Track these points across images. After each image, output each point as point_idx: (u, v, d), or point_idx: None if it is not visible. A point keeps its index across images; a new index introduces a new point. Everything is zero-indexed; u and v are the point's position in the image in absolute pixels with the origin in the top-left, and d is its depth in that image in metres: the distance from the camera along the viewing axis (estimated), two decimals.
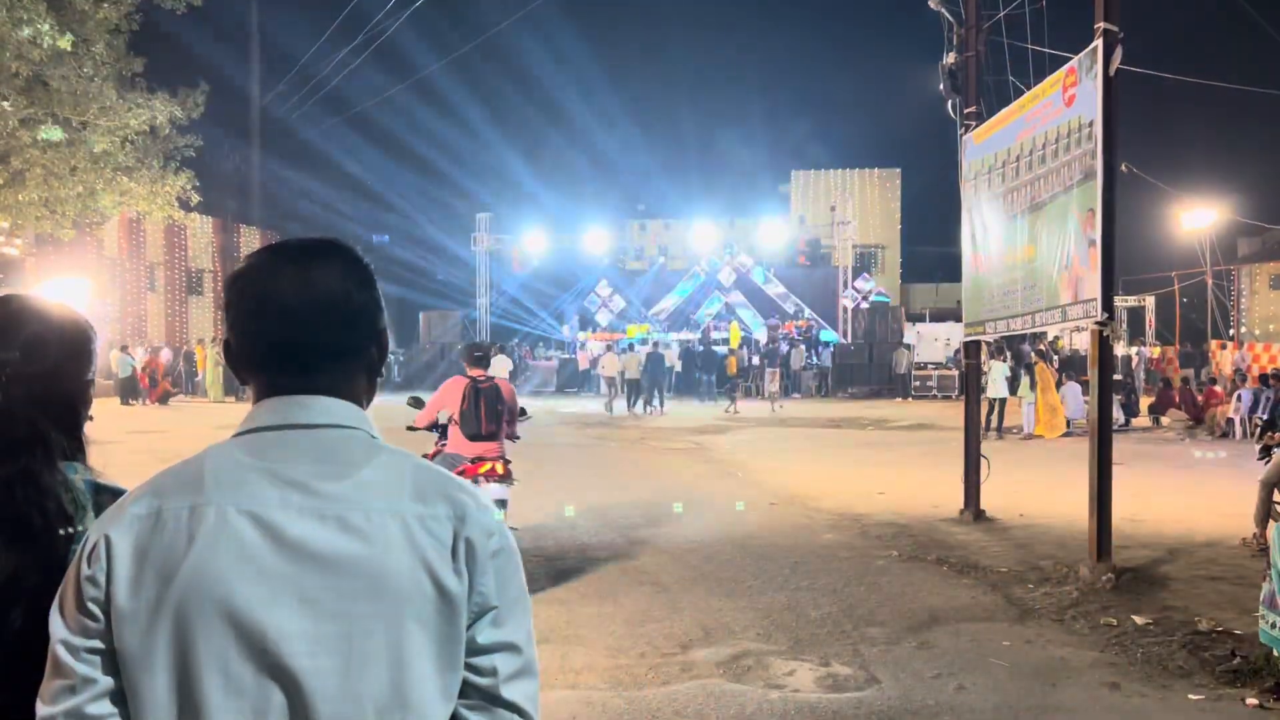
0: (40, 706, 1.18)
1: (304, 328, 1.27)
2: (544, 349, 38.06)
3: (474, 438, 6.30)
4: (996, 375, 17.63)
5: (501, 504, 6.33)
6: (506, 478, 6.42)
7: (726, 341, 32.70)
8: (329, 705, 1.15)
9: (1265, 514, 7.80)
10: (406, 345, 35.89)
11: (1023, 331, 8.46)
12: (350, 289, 1.30)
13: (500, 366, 20.75)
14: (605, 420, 21.05)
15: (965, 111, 9.49)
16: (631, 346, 26.41)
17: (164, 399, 25.37)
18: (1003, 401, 17.59)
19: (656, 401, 23.69)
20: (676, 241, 38.70)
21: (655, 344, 26.33)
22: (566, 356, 34.49)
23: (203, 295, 34.54)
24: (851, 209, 35.70)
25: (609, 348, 27.85)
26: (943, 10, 9.41)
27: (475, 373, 6.50)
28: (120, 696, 1.17)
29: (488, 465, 6.26)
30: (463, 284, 40.51)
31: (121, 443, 14.77)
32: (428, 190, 42.29)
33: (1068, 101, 7.28)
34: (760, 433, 18.23)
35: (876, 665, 5.10)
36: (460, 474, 6.29)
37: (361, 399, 1.33)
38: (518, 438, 6.72)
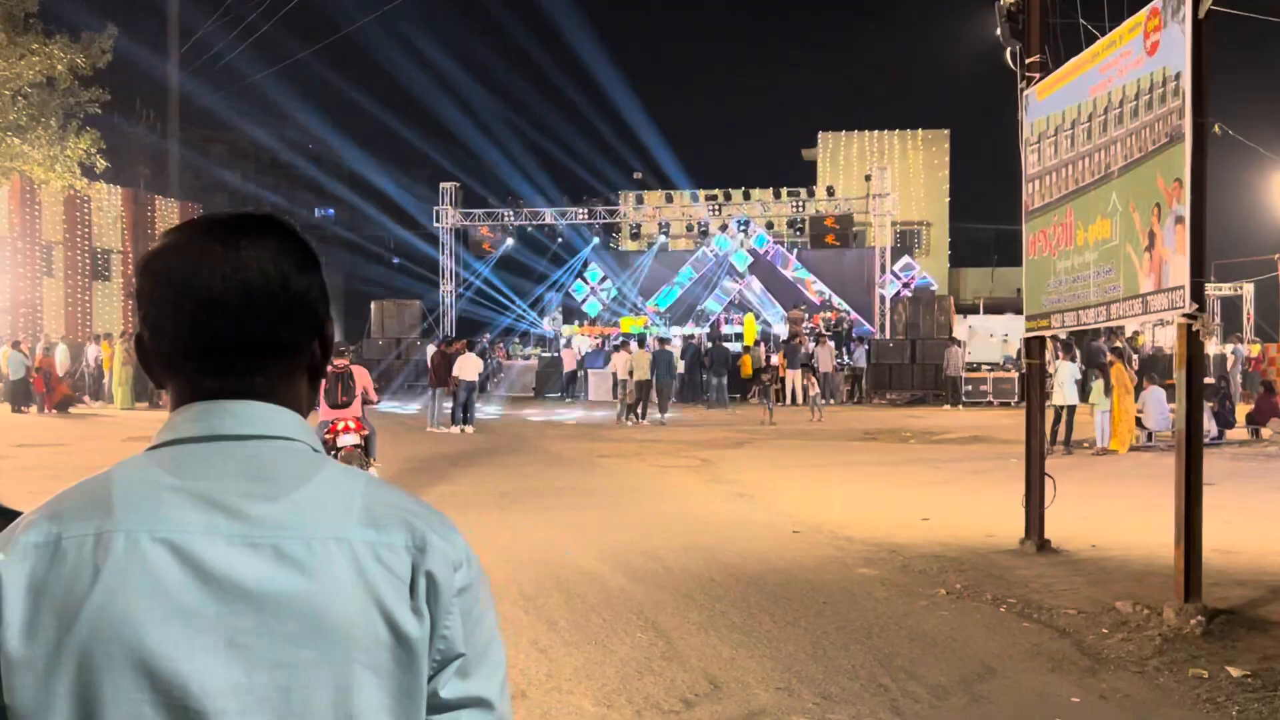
0: None
1: (232, 320, 1.26)
2: (521, 346, 38.11)
3: (334, 407, 10.87)
4: (1064, 378, 17.68)
5: (358, 447, 10.88)
6: (359, 432, 11.01)
7: (740, 337, 32.75)
8: None
9: None
10: (355, 341, 35.86)
11: (1095, 325, 8.48)
12: (288, 273, 1.29)
13: (469, 368, 20.73)
14: (594, 433, 21.07)
15: (1027, 61, 9.51)
16: (641, 342, 26.39)
17: (63, 405, 25.33)
18: (1071, 409, 17.64)
19: (656, 410, 23.74)
20: (680, 217, 38.76)
21: (662, 341, 26.30)
22: (549, 355, 34.53)
23: (110, 280, 34.49)
24: (890, 179, 35.79)
25: (621, 344, 27.92)
26: None
27: (339, 363, 11.14)
28: None
29: (342, 424, 10.79)
30: (423, 268, 40.59)
31: (10, 458, 14.75)
32: (382, 156, 42.35)
33: (1150, 50, 7.30)
34: (780, 447, 18.25)
35: None
36: (326, 434, 10.72)
37: (302, 405, 1.33)
38: (374, 402, 11.53)
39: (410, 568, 1.24)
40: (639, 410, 23.48)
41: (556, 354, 33.56)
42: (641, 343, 25.61)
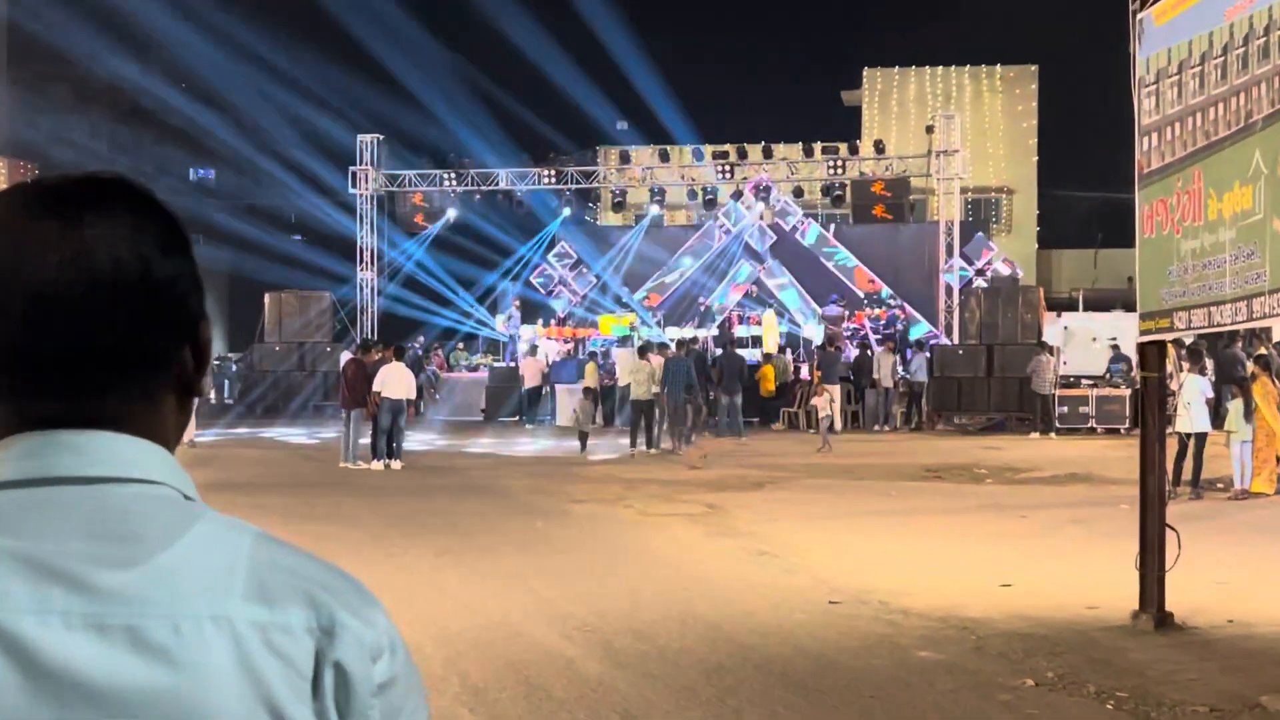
0: None
1: (73, 322, 1.25)
2: (467, 353, 38.14)
3: None
4: (1192, 396, 17.71)
5: None
6: None
7: (758, 342, 32.84)
8: None
9: None
10: (244, 348, 35.87)
11: (1233, 327, 8.52)
12: (148, 257, 1.28)
13: (396, 383, 20.69)
14: (565, 469, 21.09)
15: None
16: (647, 349, 26.54)
17: None
18: (1201, 438, 17.68)
19: (649, 437, 23.80)
20: (679, 181, 38.87)
21: (683, 346, 26.31)
22: (503, 365, 34.56)
23: None
24: (960, 131, 35.99)
25: (617, 344, 27.93)
26: None
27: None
28: None
29: None
30: (335, 248, 40.57)
31: None
32: (281, 99, 42.24)
33: None
34: (812, 488, 18.26)
35: None
36: None
37: (168, 435, 1.32)
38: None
39: (313, 657, 1.23)
40: (649, 438, 23.54)
41: (514, 363, 33.58)
42: (644, 351, 25.65)
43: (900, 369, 30.52)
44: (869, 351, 31.32)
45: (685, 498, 16.99)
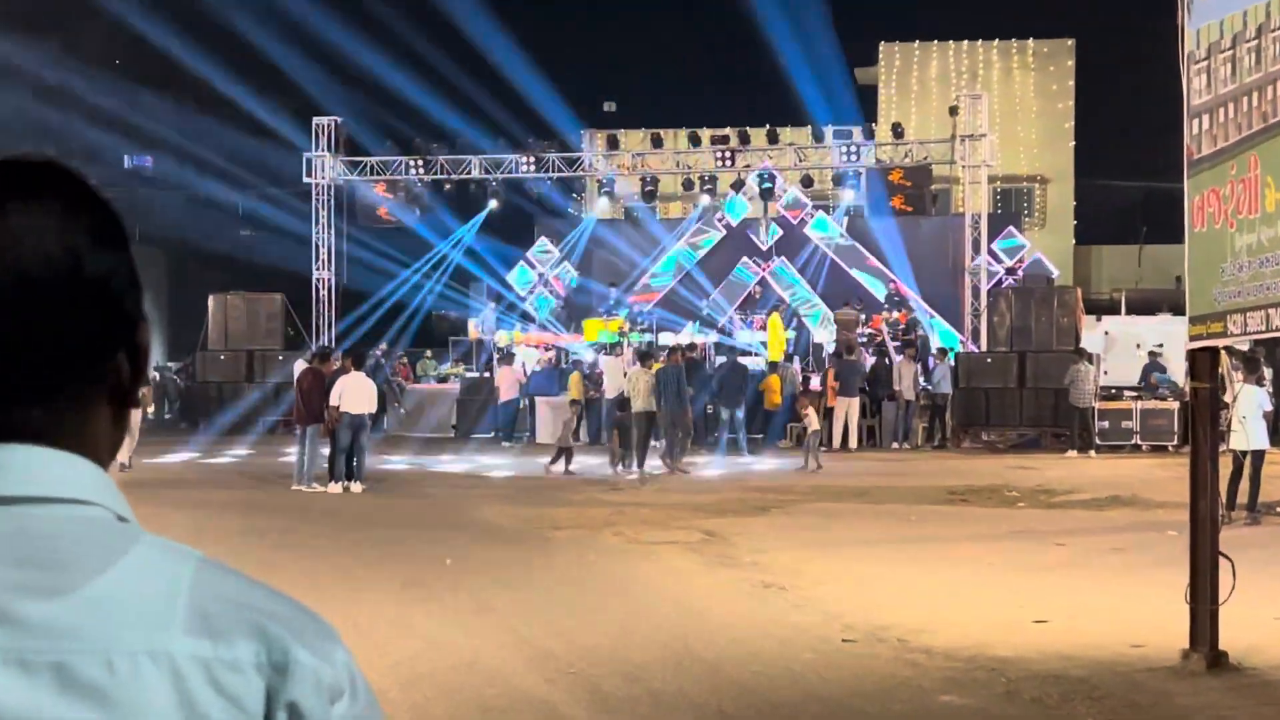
0: None
1: None
2: (435, 362, 38.08)
3: None
4: (1248, 409, 17.69)
5: None
6: None
7: (763, 348, 32.82)
8: None
9: None
10: (186, 354, 35.77)
11: None
12: (79, 250, 1.28)
13: (356, 395, 20.58)
14: (545, 492, 21.05)
15: None
16: (644, 357, 26.53)
17: None
18: (1259, 456, 17.68)
19: (640, 455, 23.82)
20: (674, 169, 38.88)
21: (676, 353, 26.26)
22: (476, 375, 34.51)
23: None
24: (988, 112, 36.01)
25: (606, 350, 27.85)
26: None
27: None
28: None
29: None
30: (288, 244, 40.46)
31: None
32: (229, 77, 42.18)
33: None
34: (823, 513, 18.25)
35: None
36: None
37: (101, 450, 1.32)
38: None
39: (264, 697, 1.23)
40: (640, 456, 23.54)
41: (488, 374, 33.51)
42: (646, 358, 25.63)
43: (922, 379, 30.52)
44: (887, 360, 31.30)
45: (680, 523, 16.96)
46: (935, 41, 45.99)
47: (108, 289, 1.30)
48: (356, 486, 20.55)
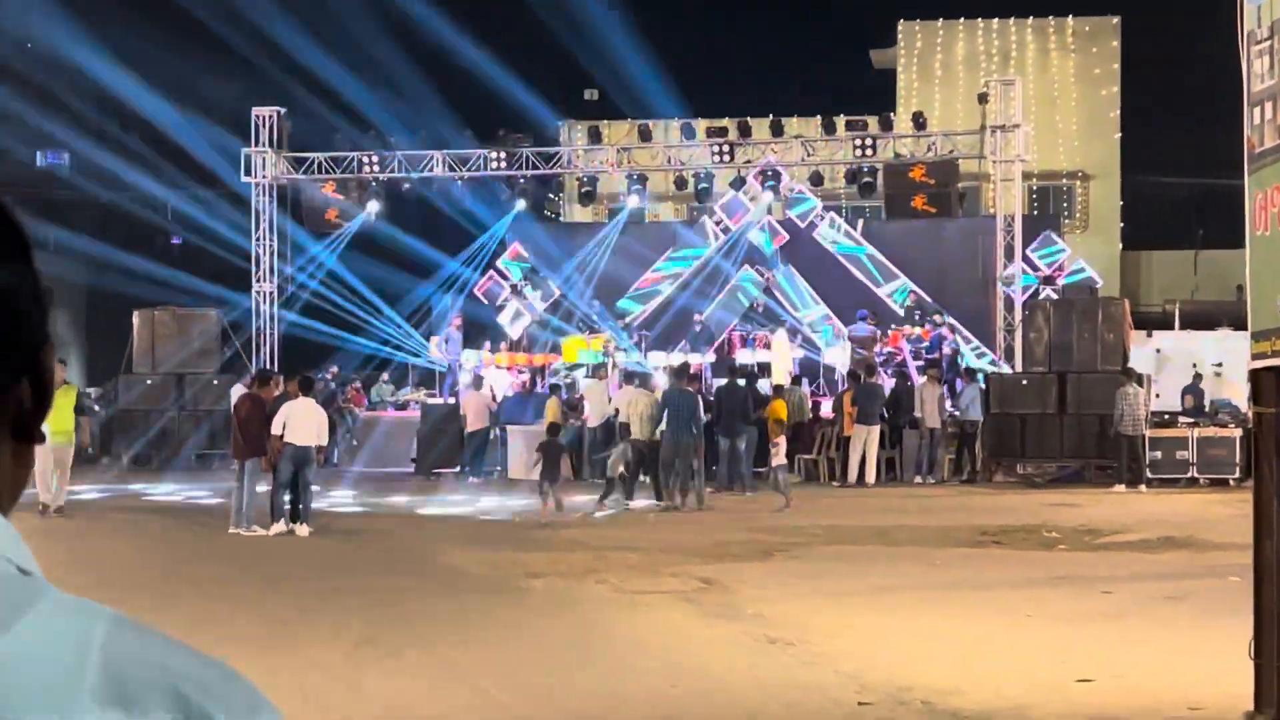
0: None
1: None
2: (393, 387, 37.99)
3: None
4: None
5: None
6: None
7: (767, 370, 32.79)
8: None
9: None
10: (107, 378, 35.64)
11: None
12: None
13: (302, 424, 20.50)
14: (520, 535, 21.03)
15: None
16: (637, 380, 26.44)
17: None
18: None
19: (628, 488, 23.86)
20: (665, 165, 38.89)
21: (684, 376, 26.36)
22: (440, 402, 34.45)
23: None
24: (1022, 100, 36.08)
25: (626, 376, 27.91)
26: None
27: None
28: None
29: None
30: (225, 253, 40.36)
31: None
32: (155, 65, 42.15)
33: None
34: (835, 557, 18.22)
35: None
36: None
37: (0, 490, 1.34)
38: None
39: None
40: (628, 488, 23.59)
41: (453, 400, 33.46)
42: (647, 379, 25.57)
43: (948, 404, 30.52)
44: (908, 382, 31.29)
45: (673, 569, 16.90)
46: (962, 19, 46.07)
47: (8, 308, 1.30)
48: (302, 529, 20.49)
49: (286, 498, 20.61)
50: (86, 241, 43.45)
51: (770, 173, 36.71)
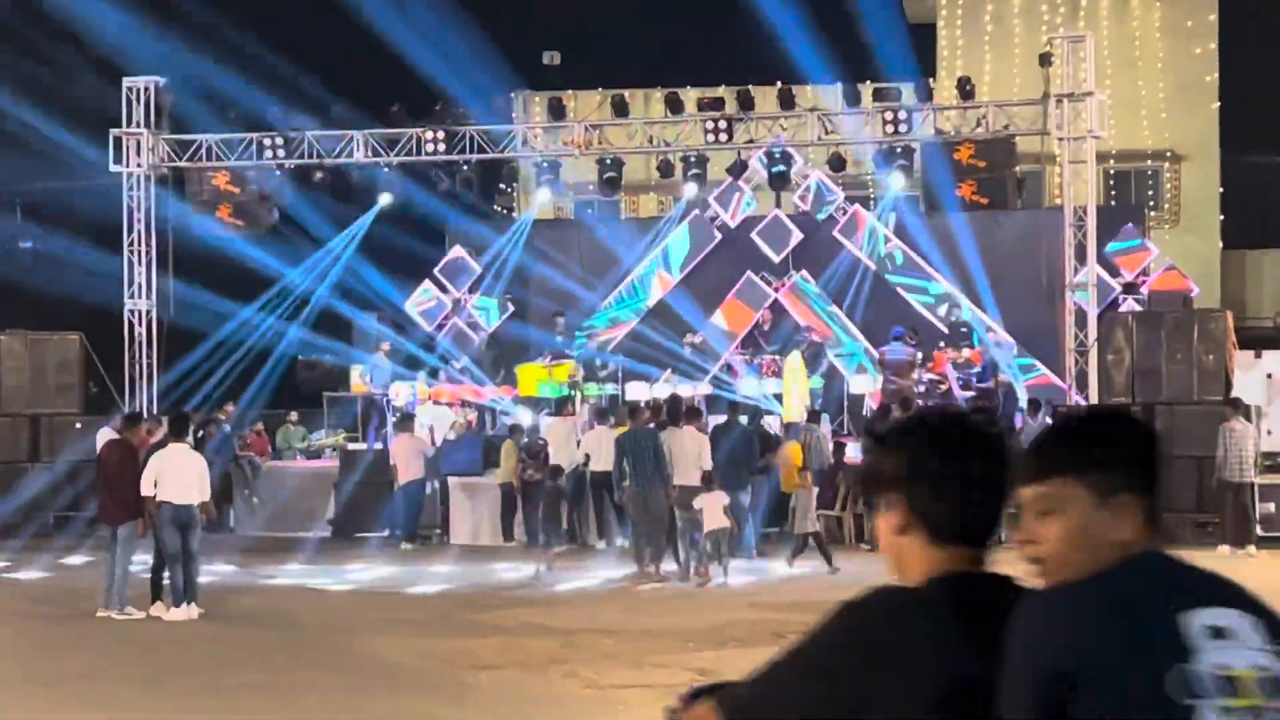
0: None
1: None
2: (303, 431, 37.91)
3: None
4: None
5: None
6: None
7: (777, 403, 32.80)
8: None
9: None
10: None
11: None
12: None
13: (177, 474, 20.37)
14: (464, 614, 21.07)
15: None
16: (605, 415, 26.40)
17: None
18: None
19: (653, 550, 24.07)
20: (644, 146, 38.89)
21: (645, 411, 26.43)
22: (363, 447, 34.43)
23: None
24: (1093, 63, 36.14)
25: (599, 413, 28.09)
26: None
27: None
28: None
29: None
30: (91, 258, 40.33)
31: None
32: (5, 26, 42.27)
33: None
34: None
35: None
36: None
37: None
38: None
39: None
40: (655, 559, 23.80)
41: (380, 445, 33.44)
42: (635, 412, 25.57)
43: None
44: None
45: (660, 658, 16.94)
46: None
47: None
48: (187, 610, 20.37)
49: (174, 571, 20.45)
50: None
51: (779, 155, 36.75)
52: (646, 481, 24.09)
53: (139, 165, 37.28)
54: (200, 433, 27.94)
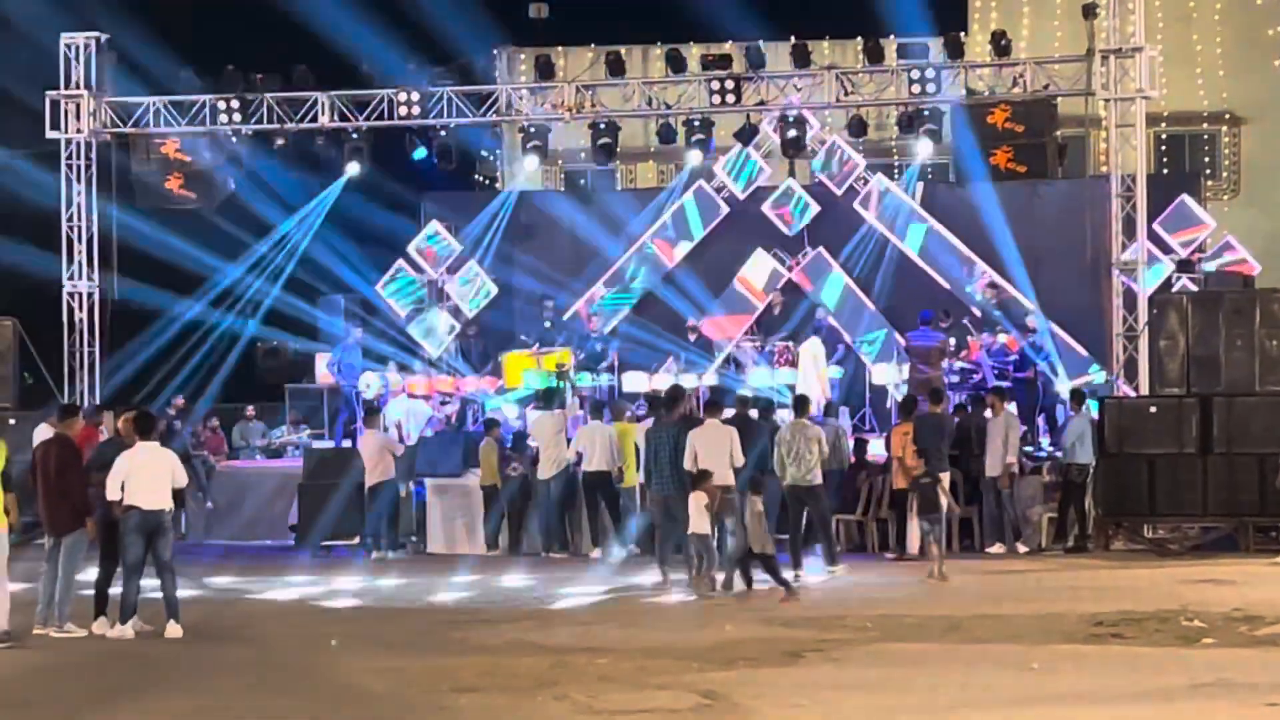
0: None
1: None
2: (260, 426, 37.87)
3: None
4: None
5: None
6: None
7: (790, 394, 32.80)
8: None
9: None
10: None
11: None
12: None
13: (151, 477, 20.36)
14: (446, 632, 21.08)
15: None
16: (601, 410, 26.52)
17: None
18: None
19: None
20: (642, 109, 38.84)
21: (680, 402, 26.48)
22: (329, 445, 34.43)
23: None
24: (1143, 15, 36.05)
25: (594, 408, 28.21)
26: None
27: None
28: None
29: None
30: (24, 233, 40.32)
31: None
32: None
33: None
34: (887, 660, 18.26)
35: None
36: None
37: None
38: None
39: None
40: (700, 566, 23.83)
41: (349, 442, 33.44)
42: (655, 405, 25.68)
43: (1045, 441, 30.48)
44: (993, 407, 31.28)
45: (663, 679, 16.91)
46: None
47: None
48: (134, 629, 20.33)
49: (136, 585, 20.35)
50: None
51: (793, 119, 36.72)
52: (665, 483, 24.13)
53: (79, 131, 37.30)
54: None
